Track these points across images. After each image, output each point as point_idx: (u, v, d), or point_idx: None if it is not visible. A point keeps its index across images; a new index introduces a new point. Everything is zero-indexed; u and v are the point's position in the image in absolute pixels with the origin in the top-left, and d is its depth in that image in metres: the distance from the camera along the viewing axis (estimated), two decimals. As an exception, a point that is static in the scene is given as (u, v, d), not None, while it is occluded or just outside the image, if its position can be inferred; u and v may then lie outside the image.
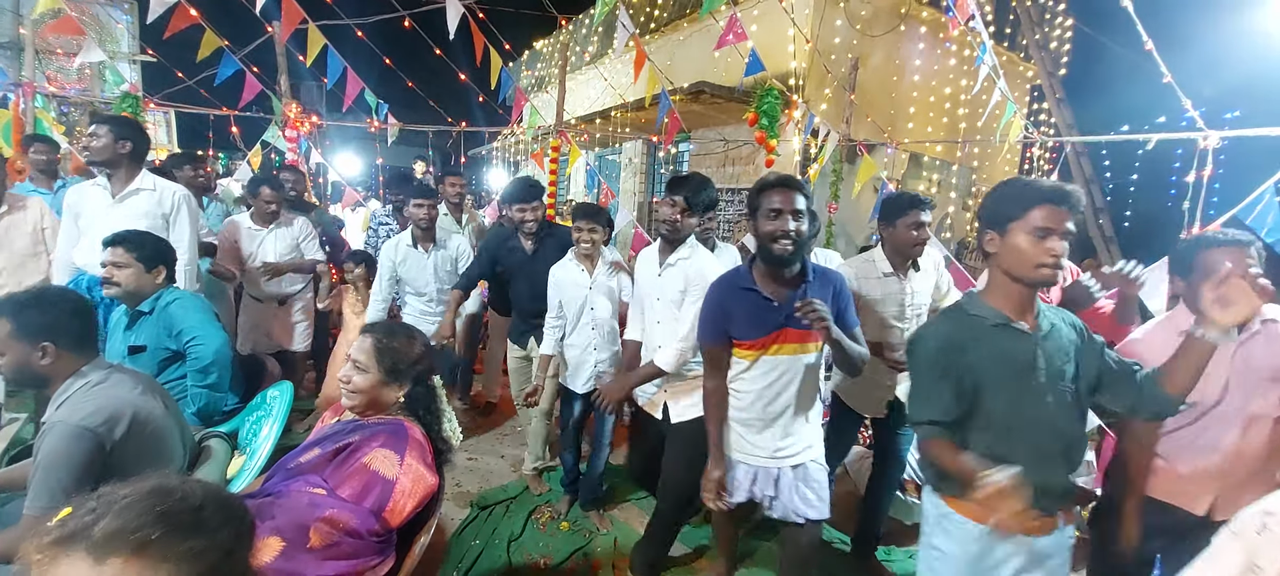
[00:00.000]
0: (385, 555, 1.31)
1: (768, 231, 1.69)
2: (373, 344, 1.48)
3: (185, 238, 2.79)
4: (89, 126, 2.76)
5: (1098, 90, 8.09)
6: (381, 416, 1.48)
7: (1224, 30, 5.64)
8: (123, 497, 0.69)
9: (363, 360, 1.47)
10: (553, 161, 5.32)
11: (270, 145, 5.72)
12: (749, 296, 1.78)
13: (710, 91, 6.03)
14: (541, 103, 7.52)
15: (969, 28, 4.05)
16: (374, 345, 1.48)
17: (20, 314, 1.50)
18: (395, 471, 1.35)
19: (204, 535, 0.71)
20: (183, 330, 2.13)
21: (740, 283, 1.80)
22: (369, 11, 5.50)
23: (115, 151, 2.65)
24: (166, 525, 0.68)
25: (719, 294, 1.83)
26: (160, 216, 2.75)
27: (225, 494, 0.78)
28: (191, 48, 4.51)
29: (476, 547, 2.61)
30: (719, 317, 1.81)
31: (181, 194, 2.81)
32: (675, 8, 8.38)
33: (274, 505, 1.28)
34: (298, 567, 1.19)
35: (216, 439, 1.99)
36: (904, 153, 7.20)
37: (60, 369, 1.54)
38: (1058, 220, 1.28)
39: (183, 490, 0.73)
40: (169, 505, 0.70)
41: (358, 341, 1.50)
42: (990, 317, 1.37)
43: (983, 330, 1.37)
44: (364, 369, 1.46)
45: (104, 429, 1.45)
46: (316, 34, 4.70)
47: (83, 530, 0.66)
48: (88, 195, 2.74)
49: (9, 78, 4.80)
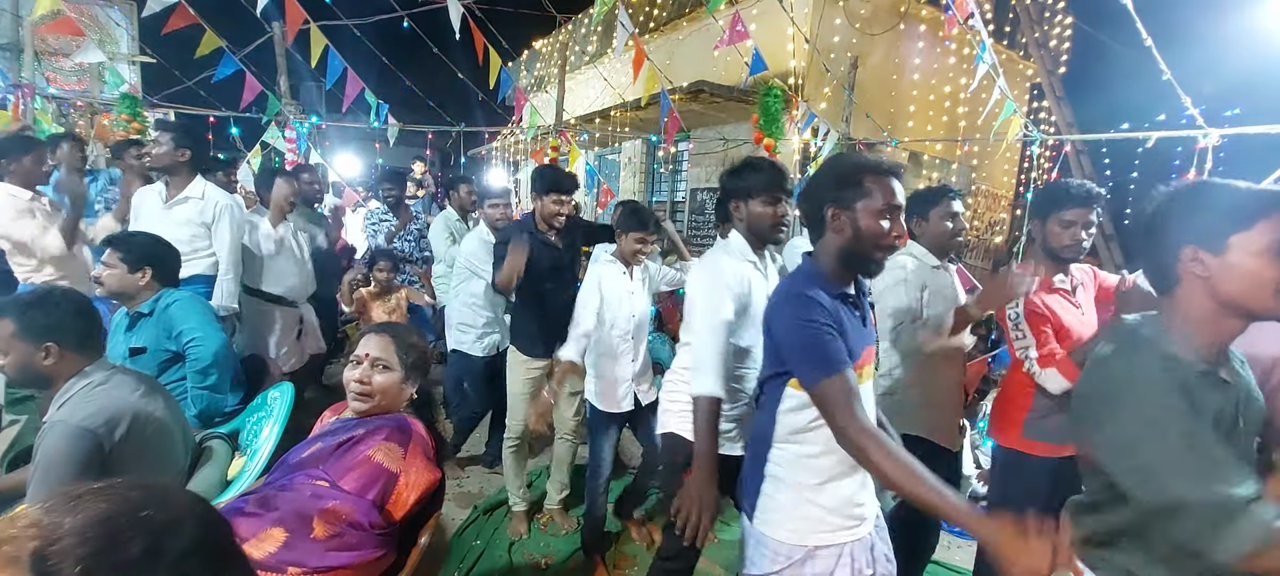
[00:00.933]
0: (387, 547, 1.31)
1: (881, 231, 1.27)
2: (396, 343, 1.48)
3: (225, 246, 2.83)
4: (153, 132, 2.84)
5: (1098, 88, 8.08)
6: (389, 413, 1.48)
7: (1224, 28, 5.63)
8: (72, 522, 0.59)
9: (388, 359, 1.45)
10: (552, 161, 5.32)
11: (270, 146, 5.72)
12: (844, 306, 1.33)
13: (709, 90, 6.03)
14: (541, 102, 7.52)
15: (968, 26, 4.05)
16: (398, 344, 1.48)
17: (24, 314, 1.50)
18: (398, 464, 1.35)
19: None
20: (182, 331, 2.12)
21: (833, 288, 1.32)
22: (368, 12, 5.51)
23: (175, 159, 2.76)
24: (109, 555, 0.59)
25: (826, 302, 1.29)
26: (202, 224, 2.81)
27: (189, 527, 0.66)
28: (191, 48, 4.51)
29: (478, 547, 2.61)
30: (837, 334, 1.27)
31: (225, 203, 2.85)
32: (674, 7, 8.38)
33: (277, 496, 1.28)
34: (300, 558, 1.19)
35: (217, 440, 2.00)
36: (904, 151, 7.20)
37: (63, 369, 1.54)
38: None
39: (138, 518, 0.62)
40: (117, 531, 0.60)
41: (378, 341, 1.48)
42: (1193, 362, 1.02)
43: (1187, 377, 1.01)
44: (390, 368, 1.45)
45: (103, 430, 1.45)
46: (318, 34, 4.70)
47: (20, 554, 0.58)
48: (147, 199, 2.87)
49: (9, 79, 4.79)
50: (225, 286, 2.84)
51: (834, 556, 1.34)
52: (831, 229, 1.32)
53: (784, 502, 1.36)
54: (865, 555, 1.38)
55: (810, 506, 1.33)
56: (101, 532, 0.59)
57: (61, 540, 0.58)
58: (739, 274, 1.73)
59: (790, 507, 1.35)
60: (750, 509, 1.41)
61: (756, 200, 1.76)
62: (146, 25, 4.16)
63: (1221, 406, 1.03)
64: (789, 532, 1.34)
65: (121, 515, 0.61)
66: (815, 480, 1.34)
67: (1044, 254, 1.95)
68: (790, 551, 1.33)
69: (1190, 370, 1.02)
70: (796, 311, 1.27)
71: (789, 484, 1.35)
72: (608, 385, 2.45)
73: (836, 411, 1.21)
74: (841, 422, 1.20)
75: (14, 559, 0.57)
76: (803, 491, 1.34)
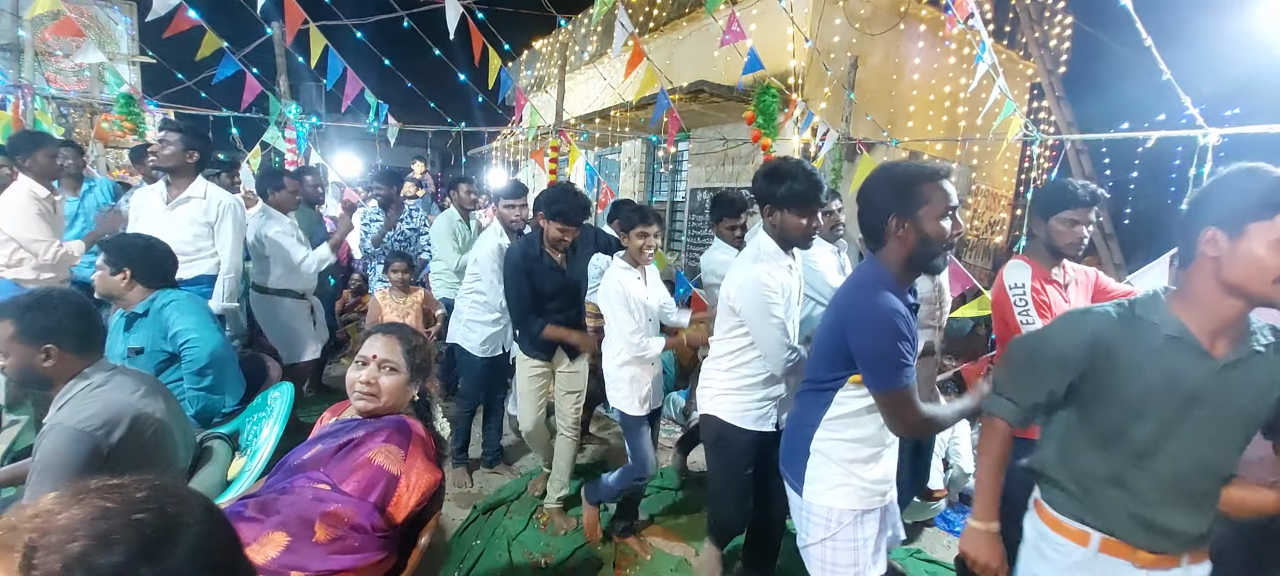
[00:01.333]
0: (389, 550, 1.31)
1: (944, 232, 1.38)
2: (403, 346, 1.47)
3: (227, 246, 2.84)
4: (160, 133, 2.85)
5: (1097, 88, 8.08)
6: (387, 414, 1.48)
7: (1223, 28, 5.63)
8: (67, 517, 0.60)
9: (396, 361, 1.45)
10: (552, 161, 5.32)
11: (270, 146, 5.72)
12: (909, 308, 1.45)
13: (709, 90, 6.02)
14: (540, 102, 7.52)
15: (968, 26, 4.05)
16: (405, 347, 1.47)
17: (23, 316, 1.50)
18: (399, 466, 1.35)
19: None
20: (177, 332, 2.12)
21: (902, 292, 1.44)
22: (368, 12, 5.51)
23: (183, 159, 2.76)
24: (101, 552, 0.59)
25: (904, 310, 1.40)
26: (205, 224, 2.82)
27: (189, 533, 0.64)
28: (191, 49, 4.51)
29: (478, 547, 2.61)
30: (912, 347, 1.41)
31: (227, 203, 2.85)
32: (674, 7, 8.37)
33: (279, 500, 1.28)
34: (303, 562, 1.19)
35: (217, 440, 2.00)
36: (904, 151, 7.20)
37: (62, 370, 1.54)
38: None
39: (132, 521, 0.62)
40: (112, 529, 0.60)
41: (385, 342, 1.47)
42: (1166, 327, 1.16)
43: (1151, 339, 1.16)
44: (397, 369, 1.45)
45: (101, 432, 1.45)
46: (318, 34, 4.70)
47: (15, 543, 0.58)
48: (148, 200, 2.87)
49: (9, 79, 4.80)
50: (226, 285, 2.85)
51: (877, 519, 1.56)
52: (896, 238, 1.41)
53: (832, 475, 1.52)
54: (893, 515, 1.65)
55: (857, 479, 1.52)
56: (92, 531, 0.58)
57: (52, 533, 0.58)
58: (780, 280, 1.88)
59: (840, 478, 1.52)
60: (798, 482, 1.57)
61: (791, 210, 1.87)
62: (146, 26, 4.15)
63: (1185, 370, 1.14)
64: (839, 499, 1.52)
65: (116, 515, 0.60)
66: (863, 455, 1.52)
67: (1047, 251, 1.99)
68: (841, 515, 1.52)
69: (1155, 332, 1.17)
70: (881, 325, 1.36)
71: (836, 459, 1.52)
72: (636, 387, 2.49)
73: (900, 413, 1.40)
74: (908, 420, 1.40)
75: (8, 547, 0.57)
76: (852, 465, 1.51)
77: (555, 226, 2.56)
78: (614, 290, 2.43)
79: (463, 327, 3.14)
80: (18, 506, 0.61)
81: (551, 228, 2.57)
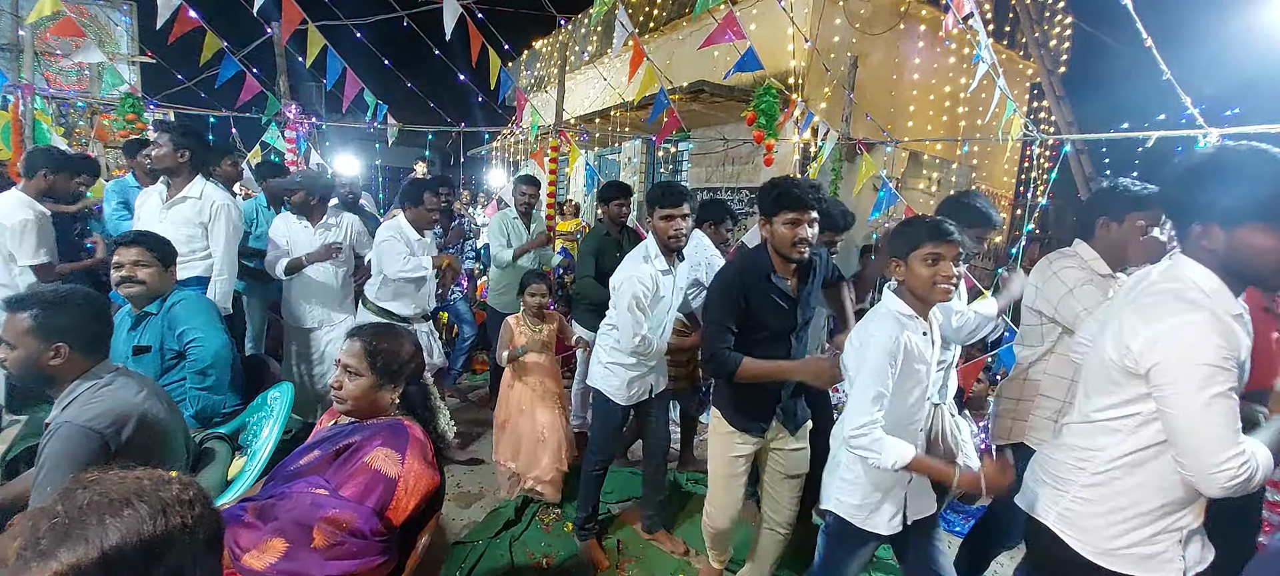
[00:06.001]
0: (388, 554, 1.31)
1: None
2: (362, 347, 1.46)
3: (220, 246, 2.83)
4: (153, 134, 2.88)
5: (1097, 88, 8.09)
6: (380, 417, 1.48)
7: (1224, 27, 5.64)
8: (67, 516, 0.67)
9: (354, 364, 1.45)
10: (552, 161, 5.32)
11: (270, 146, 5.72)
12: None
13: (710, 90, 6.03)
14: (540, 102, 7.52)
15: (968, 26, 4.05)
16: (364, 348, 1.46)
17: (46, 310, 1.50)
18: (397, 470, 1.34)
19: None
20: (185, 331, 2.13)
21: None
22: (368, 12, 5.50)
23: (175, 160, 2.76)
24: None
25: None
26: (199, 224, 2.81)
27: (180, 519, 0.73)
28: (191, 49, 4.52)
29: (479, 548, 2.61)
30: None
31: (221, 203, 2.83)
32: (674, 7, 8.37)
33: (277, 506, 1.28)
34: (302, 568, 1.19)
35: (217, 440, 2.00)
36: (904, 151, 7.19)
37: (68, 370, 1.54)
38: None
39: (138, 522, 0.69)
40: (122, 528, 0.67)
41: (346, 345, 1.47)
42: None
43: None
44: (356, 373, 1.44)
45: (110, 431, 1.46)
46: (316, 34, 4.70)
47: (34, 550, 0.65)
48: (148, 200, 2.90)
49: (8, 80, 4.80)
50: (219, 287, 2.83)
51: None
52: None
53: None
54: None
55: None
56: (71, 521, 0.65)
57: (40, 522, 0.65)
58: None
59: None
60: None
61: None
62: (146, 26, 4.16)
63: None
64: None
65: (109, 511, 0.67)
66: None
67: None
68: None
69: None
70: None
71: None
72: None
73: None
74: None
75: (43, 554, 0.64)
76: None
77: (659, 213, 2.28)
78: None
79: (601, 369, 2.55)
80: (31, 511, 0.69)
81: (779, 228, 1.86)
